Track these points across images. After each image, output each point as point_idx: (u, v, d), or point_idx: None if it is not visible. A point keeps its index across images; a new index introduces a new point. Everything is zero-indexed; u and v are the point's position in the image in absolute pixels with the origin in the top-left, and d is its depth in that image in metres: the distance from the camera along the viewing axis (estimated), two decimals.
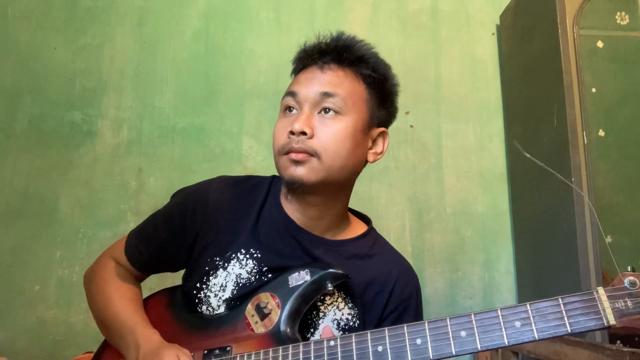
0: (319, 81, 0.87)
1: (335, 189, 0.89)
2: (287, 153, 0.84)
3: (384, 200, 2.01)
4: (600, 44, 1.66)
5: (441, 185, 2.05)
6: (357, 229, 0.97)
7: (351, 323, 0.89)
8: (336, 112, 0.85)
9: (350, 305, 0.90)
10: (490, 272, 2.00)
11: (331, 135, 0.84)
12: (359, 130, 0.87)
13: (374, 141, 0.92)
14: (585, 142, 1.58)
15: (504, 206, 2.06)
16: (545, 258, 1.76)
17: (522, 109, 1.99)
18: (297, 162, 0.84)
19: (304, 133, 0.83)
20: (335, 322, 0.89)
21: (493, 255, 2.02)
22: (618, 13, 1.68)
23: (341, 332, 0.88)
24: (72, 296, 1.78)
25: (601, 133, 1.60)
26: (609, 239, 1.52)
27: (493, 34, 2.22)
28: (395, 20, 2.18)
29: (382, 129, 0.93)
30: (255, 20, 2.10)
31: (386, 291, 0.92)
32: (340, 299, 0.90)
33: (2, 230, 1.80)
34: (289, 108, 0.88)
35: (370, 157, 0.92)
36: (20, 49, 1.95)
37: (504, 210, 2.06)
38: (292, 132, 0.84)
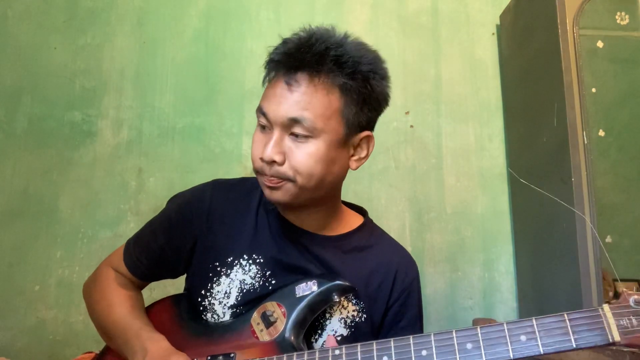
0: (287, 103, 0.79)
1: (318, 198, 0.88)
2: (262, 175, 0.84)
3: (384, 200, 2.01)
4: (600, 44, 1.66)
5: (441, 185, 2.05)
6: (353, 221, 0.98)
7: (357, 319, 0.90)
8: (307, 135, 0.80)
9: (354, 301, 0.90)
10: (490, 272, 2.00)
11: (303, 160, 0.80)
12: (333, 147, 0.82)
13: (357, 146, 0.87)
14: (585, 142, 1.58)
15: (504, 206, 2.06)
16: (545, 258, 1.76)
17: (522, 109, 1.99)
18: (271, 187, 0.83)
19: (274, 161, 0.81)
20: (342, 320, 0.89)
21: (493, 255, 2.02)
22: (618, 13, 1.68)
23: (349, 330, 0.89)
24: (72, 296, 1.78)
25: (601, 133, 1.60)
26: (608, 239, 1.52)
27: (493, 34, 2.22)
28: (395, 20, 2.18)
29: (366, 133, 0.87)
30: (255, 20, 2.10)
31: (389, 280, 0.92)
32: (343, 298, 0.90)
33: (2, 230, 1.80)
34: (262, 126, 0.84)
35: (353, 165, 0.88)
36: (20, 49, 1.95)
37: (504, 210, 2.06)
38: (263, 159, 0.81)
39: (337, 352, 0.74)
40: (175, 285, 1.08)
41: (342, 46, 0.80)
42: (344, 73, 0.80)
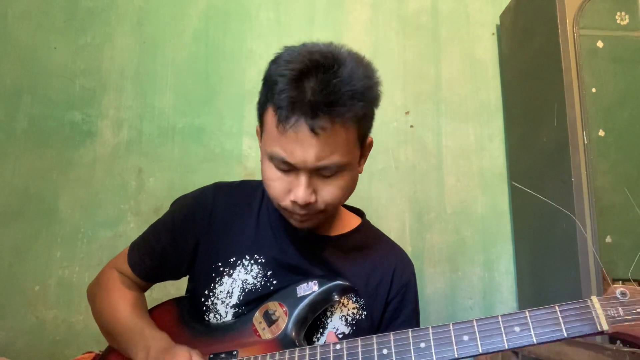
0: (313, 150, 0.76)
1: None
2: (292, 212, 0.84)
3: (384, 200, 2.01)
4: (600, 44, 1.66)
5: (441, 185, 2.05)
6: (352, 222, 1.00)
7: (358, 316, 0.91)
8: (335, 173, 0.81)
9: (354, 299, 0.92)
10: (490, 272, 2.00)
11: (334, 194, 0.82)
12: (354, 169, 0.85)
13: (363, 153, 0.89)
14: (585, 142, 1.58)
15: (504, 206, 2.06)
16: (545, 258, 1.77)
17: (522, 109, 1.99)
18: (302, 220, 0.85)
19: (309, 202, 0.80)
20: (343, 318, 0.91)
21: (493, 255, 2.02)
22: (618, 13, 1.68)
23: (350, 328, 0.90)
24: (72, 296, 1.78)
25: (601, 133, 1.60)
26: (608, 239, 1.52)
27: (493, 34, 2.22)
28: (395, 20, 2.18)
29: (369, 139, 0.89)
30: (255, 20, 2.10)
31: (387, 278, 0.95)
32: (343, 297, 0.92)
33: (2, 230, 1.80)
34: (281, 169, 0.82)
35: (361, 169, 0.90)
36: (20, 49, 1.95)
37: (504, 210, 2.06)
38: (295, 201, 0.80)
39: (338, 346, 0.75)
40: (176, 286, 1.08)
41: (353, 77, 0.77)
42: (359, 105, 0.78)
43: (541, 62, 1.81)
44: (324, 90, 0.74)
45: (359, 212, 1.04)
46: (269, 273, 0.91)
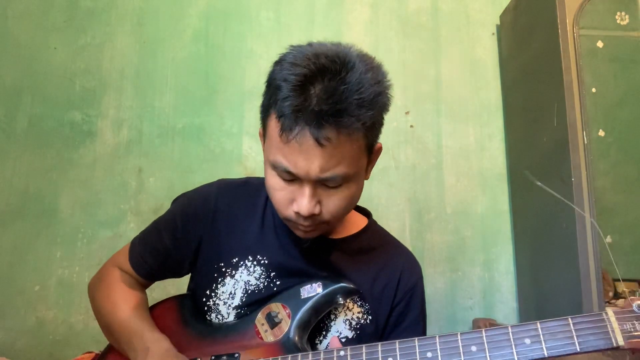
0: (318, 161, 0.73)
1: None
2: (296, 222, 0.82)
3: (384, 200, 2.01)
4: (600, 44, 1.66)
5: (441, 185, 2.05)
6: (358, 223, 0.98)
7: (362, 321, 0.89)
8: (340, 184, 0.78)
9: (359, 303, 0.90)
10: (490, 272, 2.00)
11: (339, 205, 0.79)
12: (361, 178, 0.82)
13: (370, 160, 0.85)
14: (585, 142, 1.58)
15: (504, 206, 2.06)
16: (545, 258, 1.77)
17: (522, 109, 1.99)
18: (306, 231, 0.83)
19: (313, 214, 0.78)
20: (347, 322, 0.89)
21: (493, 255, 2.02)
22: (618, 13, 1.68)
23: (354, 332, 0.89)
24: (72, 296, 1.78)
25: (601, 133, 1.60)
26: (608, 239, 1.52)
27: (493, 34, 2.22)
28: (395, 20, 2.18)
29: (378, 145, 0.86)
30: (255, 20, 2.10)
31: (394, 282, 0.92)
32: (348, 299, 0.90)
33: (2, 230, 1.80)
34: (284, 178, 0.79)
35: (368, 176, 0.88)
36: (20, 49, 1.95)
37: (504, 210, 2.06)
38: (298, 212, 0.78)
39: (342, 353, 0.73)
40: (176, 286, 1.08)
41: (361, 83, 0.72)
42: (367, 115, 0.73)
43: (541, 62, 1.81)
44: (330, 98, 0.69)
45: (365, 212, 1.02)
46: (272, 274, 0.89)
